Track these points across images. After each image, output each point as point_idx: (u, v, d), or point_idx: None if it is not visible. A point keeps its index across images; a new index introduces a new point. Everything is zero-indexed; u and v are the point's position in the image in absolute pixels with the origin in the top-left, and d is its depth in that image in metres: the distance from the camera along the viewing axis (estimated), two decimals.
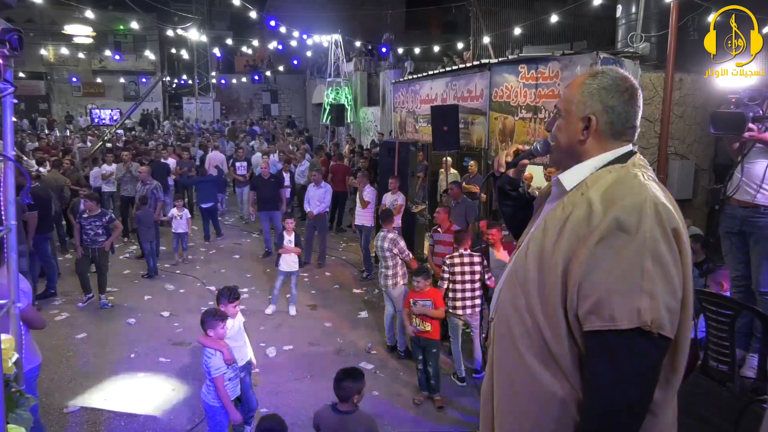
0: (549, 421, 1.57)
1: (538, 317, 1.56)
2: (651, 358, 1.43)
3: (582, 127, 1.65)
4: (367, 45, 21.02)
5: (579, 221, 1.51)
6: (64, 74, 30.27)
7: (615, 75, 1.66)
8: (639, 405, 1.44)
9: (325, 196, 9.24)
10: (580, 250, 1.48)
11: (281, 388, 5.30)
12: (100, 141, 16.53)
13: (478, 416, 1.94)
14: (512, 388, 1.66)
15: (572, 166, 1.70)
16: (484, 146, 8.35)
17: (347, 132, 20.03)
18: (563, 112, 1.72)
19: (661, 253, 1.42)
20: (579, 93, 1.67)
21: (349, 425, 3.16)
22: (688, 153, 7.41)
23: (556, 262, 1.53)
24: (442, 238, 6.56)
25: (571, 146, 1.70)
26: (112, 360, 5.82)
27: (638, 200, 1.47)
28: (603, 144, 1.66)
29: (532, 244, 1.65)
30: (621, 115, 1.64)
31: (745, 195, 3.25)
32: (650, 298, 1.39)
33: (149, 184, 9.33)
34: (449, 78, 9.35)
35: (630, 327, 1.38)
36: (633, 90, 1.64)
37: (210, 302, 7.40)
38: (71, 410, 4.85)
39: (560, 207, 1.62)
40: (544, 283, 1.56)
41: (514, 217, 2.08)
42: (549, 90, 6.88)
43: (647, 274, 1.40)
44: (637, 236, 1.42)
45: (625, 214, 1.45)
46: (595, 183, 1.58)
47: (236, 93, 31.97)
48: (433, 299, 5.13)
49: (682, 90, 7.15)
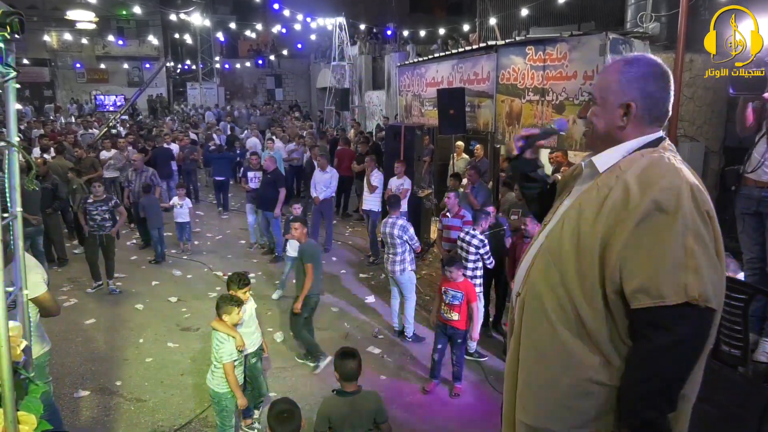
0: (580, 394, 1.65)
1: (574, 293, 1.64)
2: (700, 329, 1.51)
3: (621, 114, 1.71)
4: (371, 28, 20.79)
5: (616, 204, 1.58)
6: (68, 60, 30.14)
7: (650, 61, 1.72)
8: (686, 373, 1.54)
9: (331, 182, 9.19)
10: (620, 231, 1.55)
11: (289, 373, 5.32)
12: (105, 127, 16.52)
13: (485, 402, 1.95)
14: (544, 363, 1.73)
15: (606, 149, 1.76)
16: (490, 129, 8.27)
17: (352, 116, 19.92)
18: (599, 99, 1.77)
19: (701, 231, 1.51)
20: (616, 80, 1.72)
21: (357, 404, 3.16)
22: (698, 135, 7.31)
23: (594, 243, 1.60)
24: (451, 222, 6.52)
25: (609, 132, 1.75)
26: (121, 345, 5.85)
27: (675, 182, 1.54)
28: (641, 129, 1.72)
29: (567, 223, 1.71)
30: (658, 102, 1.71)
31: (763, 175, 3.21)
32: (695, 274, 1.47)
33: (145, 171, 9.14)
34: (455, 60, 9.23)
35: (679, 302, 1.46)
36: (667, 75, 1.71)
37: (217, 288, 7.44)
38: (81, 395, 4.90)
39: (595, 189, 1.68)
40: (581, 261, 1.63)
41: (537, 199, 2.14)
42: (557, 72, 6.78)
43: (690, 251, 1.48)
44: (677, 216, 1.50)
45: (663, 196, 1.52)
46: (629, 166, 1.64)
47: (240, 78, 31.79)
48: (466, 292, 4.99)
49: (692, 71, 7.03)
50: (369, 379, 5.16)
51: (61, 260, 8.36)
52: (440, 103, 8.24)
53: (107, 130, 15.80)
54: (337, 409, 3.17)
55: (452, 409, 4.83)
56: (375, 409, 3.20)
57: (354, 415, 3.15)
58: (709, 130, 7.37)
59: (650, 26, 7.23)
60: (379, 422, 3.20)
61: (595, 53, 6.27)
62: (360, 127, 16.91)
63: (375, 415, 3.20)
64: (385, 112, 17.41)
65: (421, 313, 6.41)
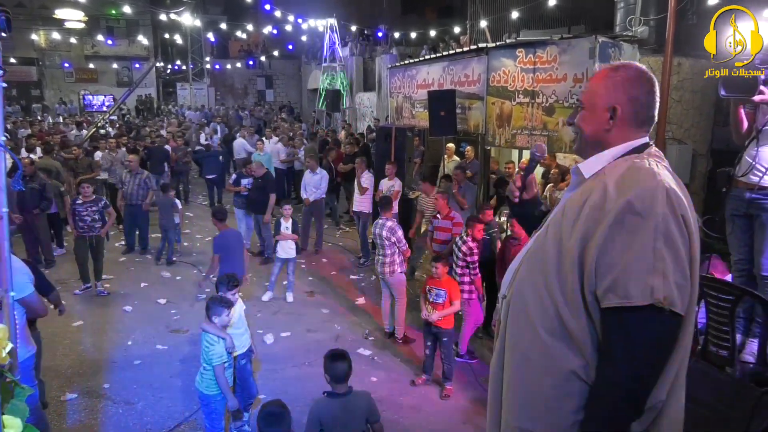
0: (561, 395, 1.66)
1: (557, 296, 1.65)
2: (663, 332, 1.52)
3: (608, 116, 1.75)
4: (363, 29, 20.79)
5: (594, 205, 1.61)
6: (56, 60, 29.87)
7: (636, 67, 1.77)
8: (649, 377, 1.54)
9: (321, 183, 9.17)
10: (596, 232, 1.57)
11: (279, 375, 5.30)
12: (93, 127, 16.39)
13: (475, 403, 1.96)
14: (526, 364, 1.73)
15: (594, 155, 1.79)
16: (481, 131, 8.29)
17: (343, 118, 19.90)
18: (587, 104, 1.82)
19: (672, 235, 1.52)
20: (603, 85, 1.78)
21: (350, 406, 3.15)
22: (685, 138, 7.38)
23: (573, 244, 1.62)
24: (441, 224, 6.53)
25: (596, 135, 1.79)
26: (110, 348, 5.80)
27: (651, 185, 1.56)
28: (626, 133, 1.75)
29: (552, 226, 1.73)
30: (644, 106, 1.75)
31: (753, 177, 3.24)
32: (663, 277, 1.48)
33: (139, 173, 8.95)
34: (446, 63, 9.26)
35: (644, 304, 1.48)
36: (653, 81, 1.75)
37: (207, 289, 7.39)
38: (69, 398, 4.84)
39: (579, 193, 1.72)
40: (562, 263, 1.64)
41: None
42: (547, 74, 6.81)
43: (659, 254, 1.50)
44: (649, 219, 1.51)
45: (638, 198, 1.54)
46: (612, 171, 1.67)
47: (231, 78, 31.67)
48: (449, 290, 5.05)
49: (680, 74, 7.10)
50: (360, 381, 5.15)
51: (48, 262, 8.27)
52: (431, 104, 8.25)
53: (95, 131, 15.66)
54: (328, 411, 3.15)
55: (443, 410, 4.83)
56: (367, 409, 3.20)
57: (346, 416, 3.14)
58: (697, 133, 7.44)
59: (639, 30, 7.29)
60: (372, 422, 3.19)
61: (585, 56, 6.32)
62: (351, 129, 16.90)
63: (367, 415, 3.19)
64: (376, 114, 17.41)
65: (414, 315, 6.41)
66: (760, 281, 3.27)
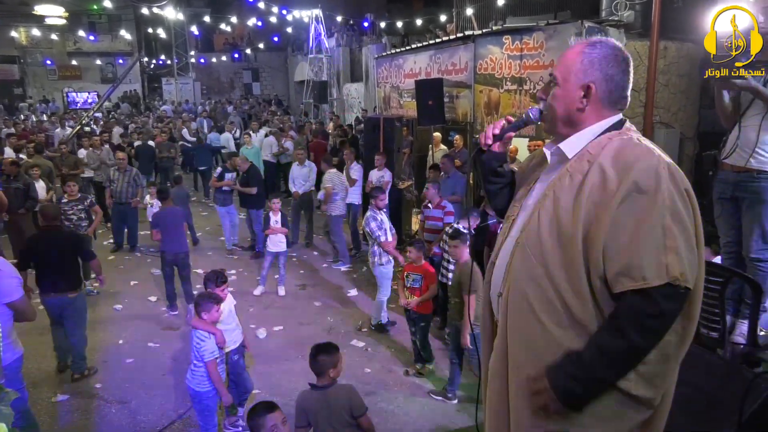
0: None
1: (560, 285, 1.62)
2: (675, 309, 1.53)
3: (581, 95, 1.70)
4: (348, 20, 20.63)
5: (594, 188, 1.58)
6: (38, 57, 29.40)
7: (611, 45, 1.72)
8: (648, 350, 1.55)
9: (309, 176, 9.12)
10: (601, 215, 1.55)
11: (273, 369, 5.28)
12: (78, 125, 16.17)
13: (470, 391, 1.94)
14: (535, 357, 1.69)
15: (567, 134, 1.75)
16: (469, 120, 8.27)
17: (330, 109, 19.78)
18: (560, 80, 1.75)
19: (679, 210, 1.52)
20: (578, 61, 1.71)
21: (330, 398, 3.14)
22: (672, 121, 7.39)
23: (575, 231, 1.58)
24: (432, 213, 6.52)
25: (569, 114, 1.74)
26: (101, 347, 5.75)
27: (653, 162, 1.55)
28: (600, 112, 1.71)
29: (544, 215, 1.68)
30: (618, 84, 1.71)
31: (738, 160, 3.24)
32: (675, 254, 1.48)
33: (129, 171, 8.86)
34: (433, 51, 9.20)
35: (662, 283, 1.47)
36: (628, 60, 1.72)
37: (198, 285, 7.33)
38: (60, 399, 4.80)
39: (567, 176, 1.67)
40: (565, 251, 1.61)
41: (499, 193, 2.06)
42: (534, 61, 6.79)
43: (669, 231, 1.49)
44: (657, 196, 1.50)
45: (642, 176, 1.52)
46: (599, 150, 1.63)
47: (216, 72, 31.34)
48: (424, 275, 5.11)
49: (666, 58, 7.09)
50: (354, 373, 5.15)
51: None
52: (418, 94, 8.20)
53: (80, 128, 15.45)
54: (309, 402, 3.16)
55: (438, 399, 4.82)
56: (348, 403, 3.14)
57: (327, 408, 3.12)
58: (684, 117, 7.46)
59: (625, 14, 7.27)
60: (357, 416, 3.13)
61: (572, 42, 6.30)
62: (339, 120, 16.80)
63: (351, 409, 3.13)
64: (364, 105, 17.32)
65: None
66: (748, 263, 3.28)
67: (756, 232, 3.21)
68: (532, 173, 1.91)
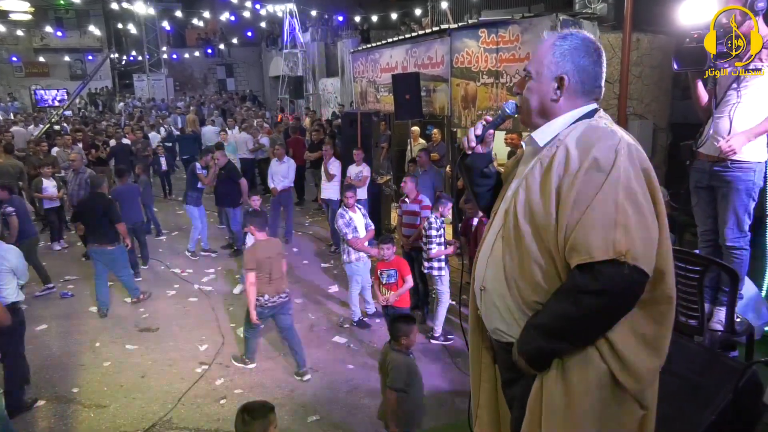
0: None
1: (544, 268, 1.64)
2: (626, 288, 1.51)
3: (555, 87, 1.74)
4: (323, 14, 20.46)
5: (559, 169, 1.61)
6: (3, 54, 28.57)
7: (583, 37, 1.75)
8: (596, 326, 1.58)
9: (288, 172, 9.03)
10: (564, 194, 1.57)
11: (255, 368, 5.22)
12: (47, 124, 15.77)
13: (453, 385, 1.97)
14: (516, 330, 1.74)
15: (542, 125, 1.78)
16: (447, 113, 8.28)
17: (306, 104, 19.62)
18: (534, 74, 1.79)
19: (633, 188, 1.53)
20: (550, 54, 1.75)
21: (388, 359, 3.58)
22: (646, 113, 7.50)
23: (548, 215, 1.61)
24: (409, 208, 6.51)
25: (544, 105, 1.77)
26: (76, 351, 5.62)
27: (613, 141, 1.58)
28: (574, 102, 1.75)
29: (519, 205, 1.70)
30: (590, 75, 1.74)
31: (712, 149, 3.30)
32: (624, 231, 1.48)
33: (82, 172, 8.41)
34: (409, 45, 9.18)
35: (606, 258, 1.47)
36: (600, 51, 1.75)
37: (176, 285, 7.24)
38: (36, 405, 4.67)
39: (538, 164, 1.70)
40: (543, 237, 1.62)
41: (487, 195, 2.07)
42: (510, 54, 6.82)
43: (620, 207, 1.50)
44: (611, 173, 1.52)
45: (602, 154, 1.55)
46: (568, 135, 1.67)
47: (189, 68, 30.87)
48: (398, 268, 5.13)
49: (639, 50, 7.19)
50: (335, 369, 5.14)
51: None
52: (395, 88, 8.18)
53: (49, 127, 15.08)
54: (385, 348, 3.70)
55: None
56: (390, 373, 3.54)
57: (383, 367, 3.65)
58: (657, 108, 7.57)
59: (598, 7, 7.34)
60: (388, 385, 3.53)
61: (545, 35, 6.34)
62: (316, 116, 16.68)
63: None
64: (340, 100, 17.22)
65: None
66: (725, 251, 3.34)
67: (731, 220, 3.27)
68: (512, 170, 1.94)
